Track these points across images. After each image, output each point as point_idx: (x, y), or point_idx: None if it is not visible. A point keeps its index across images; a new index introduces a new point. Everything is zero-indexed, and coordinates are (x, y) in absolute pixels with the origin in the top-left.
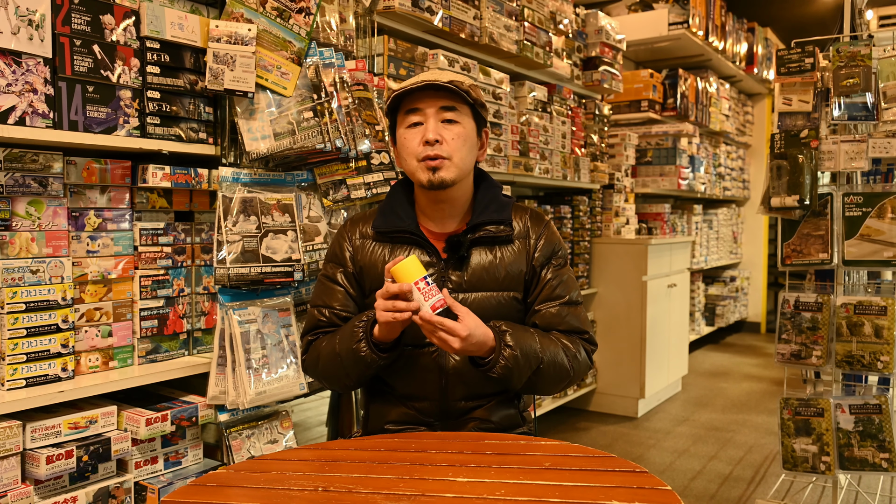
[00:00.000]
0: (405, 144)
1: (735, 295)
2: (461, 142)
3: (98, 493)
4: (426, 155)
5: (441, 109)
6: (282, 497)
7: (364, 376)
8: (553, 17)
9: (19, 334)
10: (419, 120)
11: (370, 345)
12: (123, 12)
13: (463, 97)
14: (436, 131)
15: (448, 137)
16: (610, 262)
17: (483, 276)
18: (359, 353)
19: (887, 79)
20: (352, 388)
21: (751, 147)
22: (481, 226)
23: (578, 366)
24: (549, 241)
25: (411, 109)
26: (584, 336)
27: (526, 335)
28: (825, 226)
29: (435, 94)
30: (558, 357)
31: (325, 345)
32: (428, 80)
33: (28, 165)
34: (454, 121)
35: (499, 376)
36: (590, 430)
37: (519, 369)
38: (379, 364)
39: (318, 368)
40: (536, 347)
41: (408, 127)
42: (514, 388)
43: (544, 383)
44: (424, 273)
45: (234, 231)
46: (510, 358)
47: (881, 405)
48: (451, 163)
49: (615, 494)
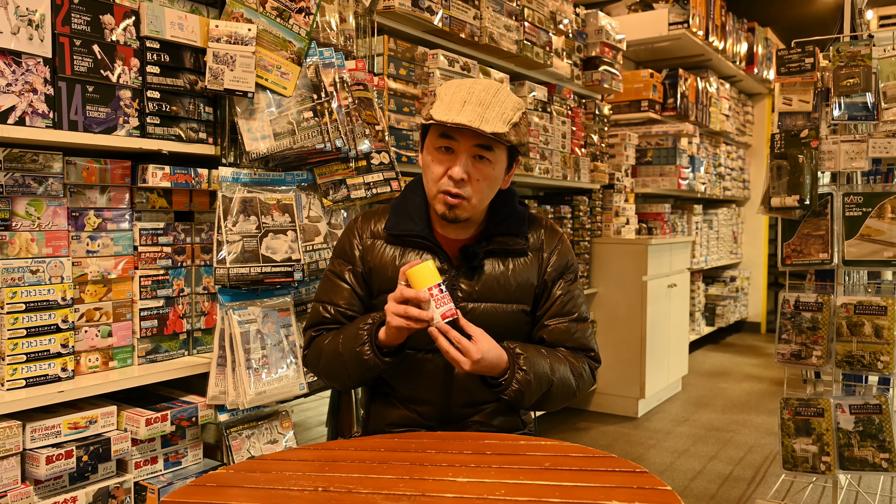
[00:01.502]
0: (430, 167)
1: (735, 295)
2: (487, 184)
3: (98, 493)
4: (447, 191)
5: (476, 146)
6: (282, 497)
7: (365, 378)
8: (553, 17)
9: (19, 334)
10: (451, 147)
11: (374, 349)
12: (123, 12)
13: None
14: (464, 170)
15: (475, 178)
16: (610, 262)
17: (494, 286)
18: (362, 357)
19: (887, 79)
20: (352, 388)
21: (751, 147)
22: (495, 236)
23: (583, 384)
24: (562, 255)
25: (446, 135)
26: (590, 354)
27: (538, 357)
28: (825, 226)
29: (473, 133)
30: (567, 378)
31: (328, 343)
32: (469, 125)
33: (28, 165)
34: (486, 158)
35: (510, 398)
36: (590, 430)
37: (530, 392)
38: (382, 368)
39: (320, 366)
40: (548, 370)
41: (437, 149)
42: (522, 407)
43: (551, 402)
44: (439, 280)
45: (233, 231)
46: (523, 381)
47: (881, 405)
48: (471, 204)
49: (615, 494)
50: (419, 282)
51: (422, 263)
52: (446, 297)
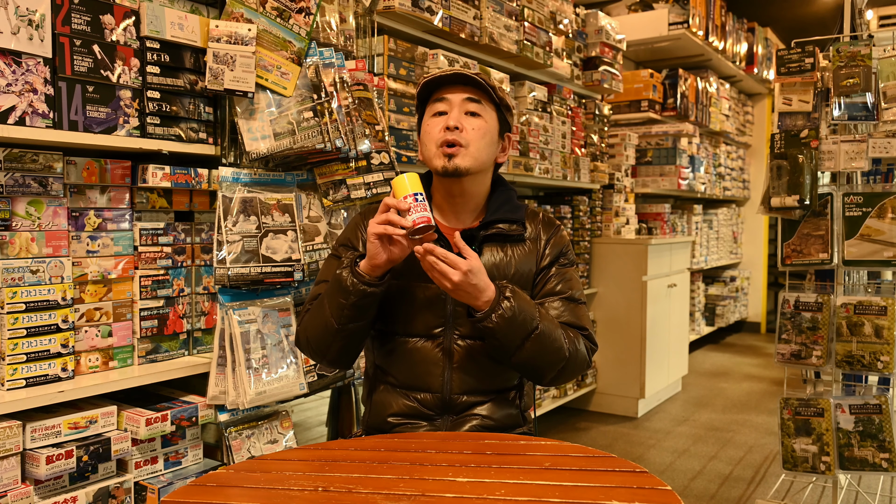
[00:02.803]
0: (427, 131)
1: (735, 295)
2: (480, 133)
3: (98, 493)
4: (444, 140)
5: (466, 100)
6: (282, 497)
7: (346, 315)
8: (553, 17)
9: (19, 334)
10: (444, 109)
11: (353, 271)
12: (123, 12)
13: (489, 94)
14: (457, 119)
15: (468, 127)
16: (610, 262)
17: (493, 272)
18: (340, 282)
19: (887, 79)
20: (336, 355)
21: (751, 147)
22: (494, 223)
23: (576, 355)
24: (558, 243)
25: (438, 99)
26: (585, 333)
27: (527, 300)
28: (825, 226)
29: (462, 87)
30: (555, 333)
31: (315, 302)
32: (456, 71)
33: (28, 165)
34: (477, 114)
35: (494, 326)
36: (590, 430)
37: (515, 325)
38: (362, 294)
39: (307, 329)
40: (535, 313)
41: (433, 115)
42: (508, 349)
43: (540, 356)
44: (420, 190)
45: (234, 231)
46: (507, 309)
47: (881, 405)
48: (468, 151)
49: (615, 494)
50: (401, 189)
51: (408, 173)
52: (422, 206)
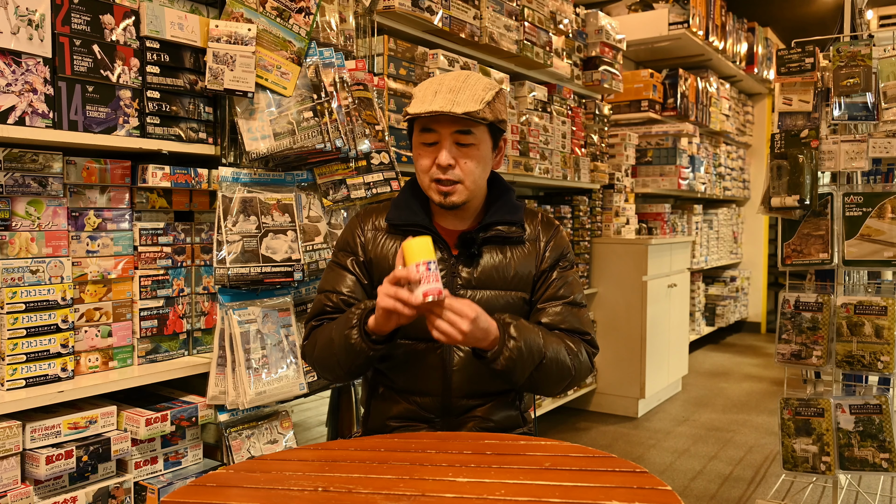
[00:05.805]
0: (419, 161)
1: (735, 295)
2: (475, 165)
3: (98, 493)
4: (438, 178)
5: (455, 132)
6: (282, 497)
7: (355, 367)
8: (553, 17)
9: (19, 334)
10: (434, 140)
11: (362, 332)
12: (123, 12)
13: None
14: (449, 156)
15: (462, 162)
16: (610, 262)
17: (493, 274)
18: (350, 340)
19: (887, 79)
20: (345, 379)
21: (751, 147)
22: (493, 225)
23: (580, 365)
24: (558, 245)
25: (426, 129)
26: (586, 338)
27: (529, 329)
28: (825, 226)
29: (450, 119)
30: (561, 354)
31: (324, 330)
32: (441, 110)
33: (28, 165)
34: (469, 143)
35: (503, 368)
36: (590, 430)
37: (522, 362)
38: (368, 355)
39: (314, 355)
40: (540, 342)
41: (421, 144)
42: (516, 382)
43: (546, 381)
44: (433, 258)
45: (233, 231)
46: (514, 349)
47: (881, 405)
48: (464, 186)
49: (615, 494)
50: (412, 255)
51: (421, 238)
52: (433, 276)
